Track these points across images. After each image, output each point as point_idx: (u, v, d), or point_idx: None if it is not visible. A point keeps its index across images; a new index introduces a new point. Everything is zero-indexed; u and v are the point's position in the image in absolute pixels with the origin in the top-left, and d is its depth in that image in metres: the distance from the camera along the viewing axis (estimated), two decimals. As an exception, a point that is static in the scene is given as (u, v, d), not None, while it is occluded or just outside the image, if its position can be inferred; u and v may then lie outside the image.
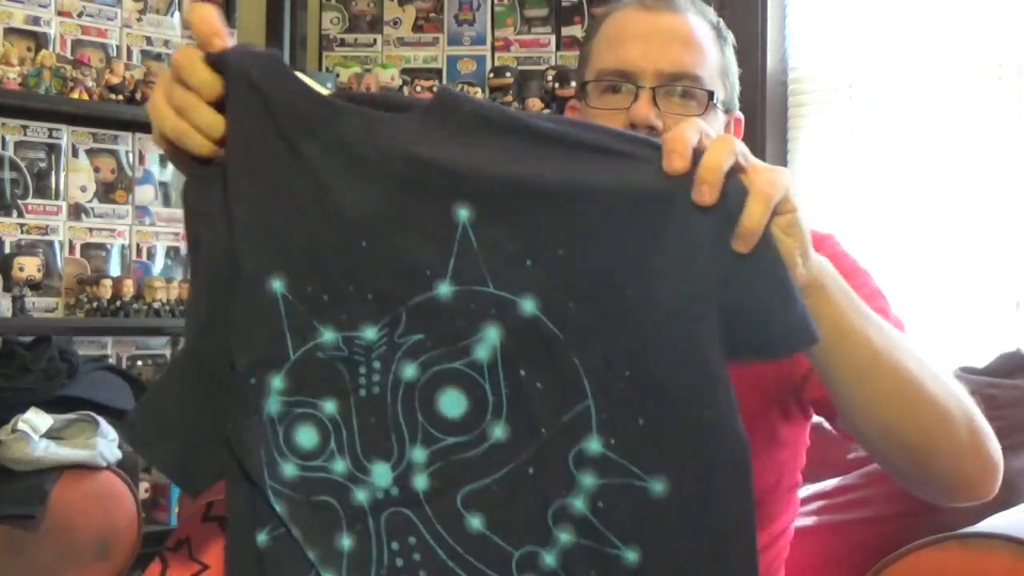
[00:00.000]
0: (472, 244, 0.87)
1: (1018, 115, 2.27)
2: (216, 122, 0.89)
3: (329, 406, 0.91)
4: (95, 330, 2.60)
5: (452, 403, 0.89)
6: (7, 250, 2.50)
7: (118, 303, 2.51)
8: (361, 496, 0.91)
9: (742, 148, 0.84)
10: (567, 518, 0.88)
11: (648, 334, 0.85)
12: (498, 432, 0.89)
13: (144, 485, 2.37)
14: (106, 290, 2.50)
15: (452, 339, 0.88)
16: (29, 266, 2.48)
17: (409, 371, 0.89)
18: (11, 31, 2.55)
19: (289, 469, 0.91)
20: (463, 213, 0.86)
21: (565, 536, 0.88)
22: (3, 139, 2.52)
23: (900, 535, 1.24)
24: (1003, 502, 1.35)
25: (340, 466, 0.91)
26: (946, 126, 2.36)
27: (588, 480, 0.88)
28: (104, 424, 2.08)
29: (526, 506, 0.89)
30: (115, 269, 2.64)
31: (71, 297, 2.55)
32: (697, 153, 0.83)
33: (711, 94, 1.23)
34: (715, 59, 1.25)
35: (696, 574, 0.88)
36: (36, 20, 2.59)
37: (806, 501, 1.54)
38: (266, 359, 0.90)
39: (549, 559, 0.89)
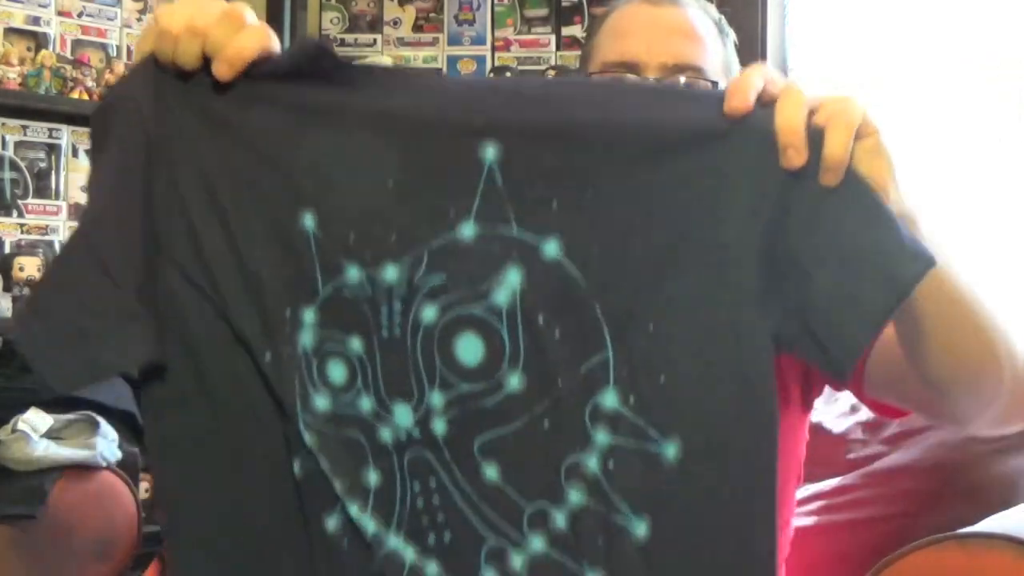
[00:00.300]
0: (497, 183, 0.85)
1: (1018, 115, 2.27)
2: (257, 36, 0.87)
3: (355, 344, 0.90)
4: (95, 330, 2.60)
5: (469, 349, 0.88)
6: (7, 250, 2.50)
7: (118, 303, 2.51)
8: (386, 435, 0.90)
9: (809, 95, 0.80)
10: (579, 476, 0.86)
11: (676, 284, 0.83)
12: (514, 382, 0.87)
13: (144, 485, 2.36)
14: (106, 290, 2.50)
15: (472, 282, 0.87)
16: (29, 266, 2.48)
17: (429, 314, 0.88)
18: (11, 31, 2.56)
19: (322, 402, 0.91)
20: (490, 152, 0.85)
21: (576, 495, 0.86)
22: (3, 139, 2.52)
23: (900, 535, 1.24)
24: (1003, 502, 1.35)
25: (366, 404, 0.90)
26: (946, 126, 2.36)
27: (601, 437, 0.85)
28: (104, 424, 2.08)
29: (540, 460, 0.87)
30: (115, 269, 2.64)
31: (71, 297, 2.55)
32: (762, 98, 0.80)
33: (714, 84, 1.23)
34: (718, 53, 1.26)
35: (704, 559, 0.84)
36: (36, 20, 2.59)
37: (806, 501, 1.54)
38: (299, 292, 0.90)
39: (560, 519, 0.87)
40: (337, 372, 0.91)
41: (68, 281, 0.88)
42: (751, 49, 2.54)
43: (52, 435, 2.02)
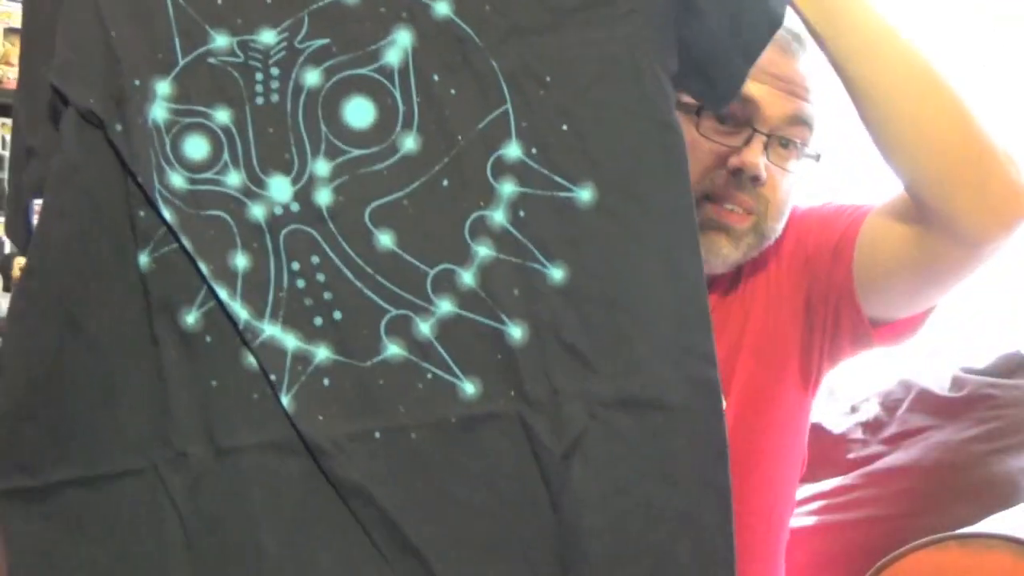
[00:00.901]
0: None
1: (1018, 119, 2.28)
2: None
3: (221, 115, 0.85)
4: (95, 330, 2.60)
5: (359, 112, 0.85)
6: (7, 250, 2.50)
7: (118, 303, 2.51)
8: (257, 211, 0.84)
9: None
10: (485, 231, 0.84)
11: (568, 36, 0.84)
12: (409, 143, 0.84)
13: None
14: (106, 290, 2.50)
15: (360, 44, 0.84)
16: (29, 266, 2.48)
17: (312, 78, 0.84)
18: (11, 31, 2.56)
19: (177, 180, 0.84)
20: None
21: (484, 250, 0.84)
22: (3, 139, 2.52)
23: (900, 535, 1.24)
24: (1003, 502, 1.35)
25: (234, 179, 0.85)
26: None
27: (507, 188, 0.84)
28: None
29: (441, 220, 0.84)
30: (115, 269, 2.64)
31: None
32: None
33: (817, 157, 1.23)
34: (818, 112, 1.25)
35: (636, 285, 0.85)
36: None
37: (806, 501, 1.54)
38: (152, 62, 0.84)
39: (467, 277, 0.84)
40: (197, 147, 0.85)
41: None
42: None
43: (52, 435, 2.02)
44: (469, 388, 0.84)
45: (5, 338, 0.87)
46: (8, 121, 2.52)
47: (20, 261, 2.47)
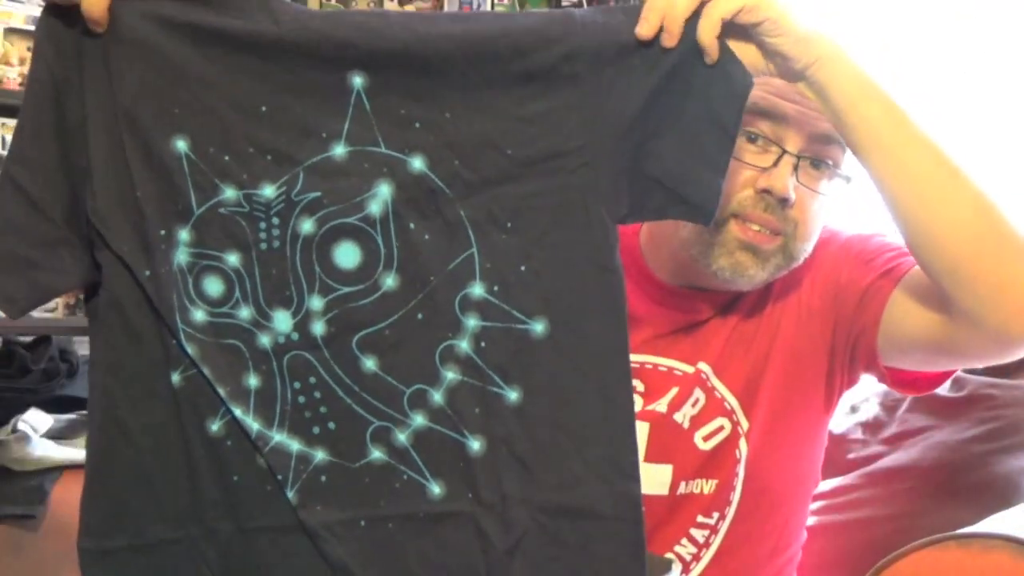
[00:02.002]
0: (366, 109, 0.96)
1: (1018, 118, 2.28)
2: None
3: (232, 258, 0.98)
4: (95, 330, 2.60)
5: (347, 255, 0.98)
6: None
7: (118, 303, 2.50)
8: (265, 340, 0.99)
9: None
10: (453, 358, 0.98)
11: (527, 187, 0.97)
12: (389, 281, 0.98)
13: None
14: (106, 290, 2.49)
15: (347, 196, 0.97)
16: (29, 266, 2.48)
17: (307, 226, 0.98)
18: (11, 31, 2.56)
19: (199, 315, 0.99)
20: (357, 80, 0.96)
21: (451, 374, 0.99)
22: (3, 139, 2.52)
23: (900, 535, 1.24)
24: (1003, 502, 1.35)
25: (245, 313, 0.99)
26: (946, 128, 2.36)
27: (472, 322, 0.98)
28: (104, 424, 2.08)
29: (416, 348, 0.98)
30: (115, 269, 2.64)
31: (71, 297, 2.55)
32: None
33: (848, 179, 1.21)
34: None
35: (576, 410, 0.98)
36: (36, 20, 2.59)
37: (806, 501, 1.55)
38: (173, 213, 0.97)
39: (437, 396, 0.99)
40: (214, 286, 0.99)
41: (2, 218, 0.98)
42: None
43: (52, 435, 2.02)
44: (436, 489, 0.99)
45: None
46: (7, 121, 2.52)
47: None
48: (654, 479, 1.24)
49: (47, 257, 0.98)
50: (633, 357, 1.24)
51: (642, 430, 1.24)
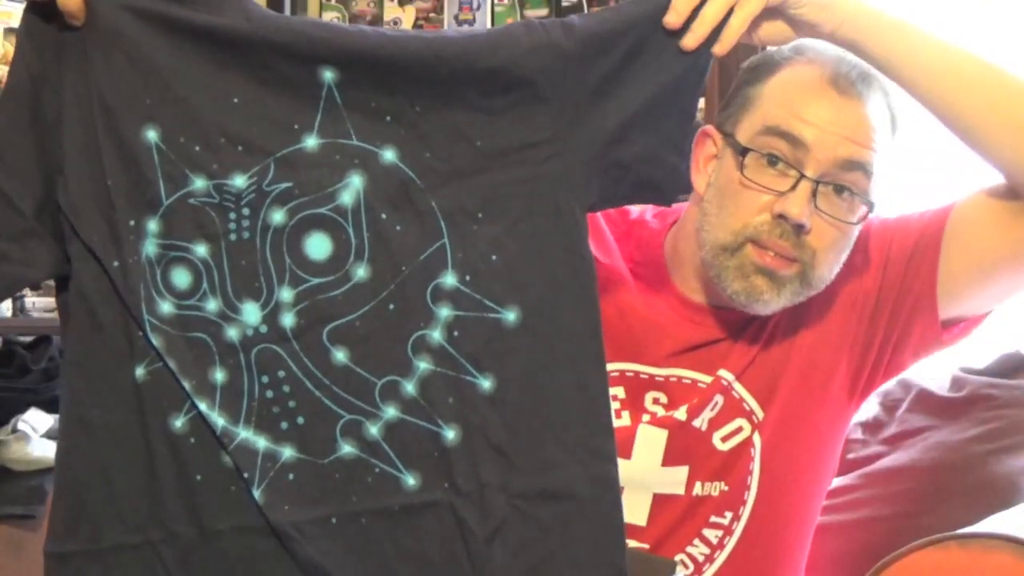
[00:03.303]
0: (337, 102, 0.97)
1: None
2: None
3: (201, 249, 0.98)
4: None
5: (318, 246, 0.98)
6: None
7: (118, 303, 2.50)
8: (232, 333, 0.98)
9: None
10: (425, 348, 0.98)
11: (497, 177, 0.98)
12: (361, 272, 0.98)
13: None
14: (106, 290, 2.49)
15: (319, 186, 0.97)
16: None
17: (277, 216, 0.97)
18: (11, 31, 2.56)
19: (166, 307, 0.98)
20: (328, 75, 0.96)
21: (423, 364, 0.98)
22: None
23: (900, 535, 1.24)
24: (1003, 502, 1.35)
25: (212, 305, 0.98)
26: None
27: (444, 311, 0.98)
28: (104, 424, 2.08)
29: (387, 339, 0.98)
30: (115, 269, 2.64)
31: (71, 297, 2.55)
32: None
33: (871, 204, 1.18)
34: (885, 151, 1.19)
35: (551, 395, 0.99)
36: (36, 20, 2.59)
37: (806, 501, 1.54)
38: (142, 203, 0.97)
39: (409, 387, 0.98)
40: (181, 278, 0.98)
41: None
42: (750, 52, 2.53)
43: (52, 435, 2.02)
44: (410, 480, 0.99)
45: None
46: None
47: None
48: (669, 479, 1.23)
49: (16, 249, 0.98)
50: (657, 370, 1.25)
51: (660, 436, 1.23)
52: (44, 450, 1.97)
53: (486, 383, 0.98)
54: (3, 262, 0.98)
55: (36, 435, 1.98)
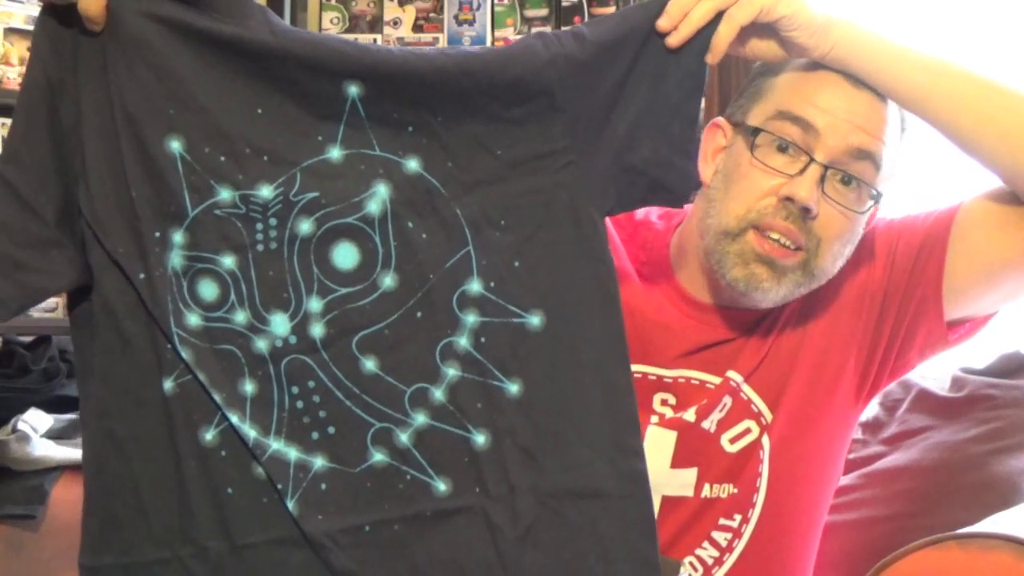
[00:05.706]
0: (360, 115, 0.98)
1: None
2: None
3: (227, 261, 0.98)
4: (95, 330, 2.59)
5: (345, 255, 0.98)
6: None
7: (118, 303, 2.50)
8: (261, 345, 0.98)
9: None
10: (452, 355, 1.00)
11: (517, 186, 1.00)
12: (388, 280, 0.99)
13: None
14: (106, 290, 2.49)
15: (345, 196, 0.98)
16: (29, 266, 2.47)
17: (305, 226, 0.98)
18: (11, 31, 2.56)
19: (193, 319, 0.97)
20: (353, 90, 0.97)
21: (451, 371, 0.99)
22: (3, 139, 2.52)
23: (900, 535, 1.25)
24: (1003, 502, 1.35)
25: (240, 317, 0.98)
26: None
27: (470, 318, 1.00)
28: (104, 424, 2.08)
29: (416, 347, 0.99)
30: (115, 269, 2.64)
31: (71, 297, 2.55)
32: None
33: (878, 195, 1.19)
34: (894, 148, 1.19)
35: (577, 397, 1.00)
36: (36, 20, 2.59)
37: (806, 501, 1.54)
38: (167, 214, 0.96)
39: (438, 394, 1.00)
40: (208, 290, 0.98)
41: None
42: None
43: (52, 435, 2.02)
44: (441, 486, 1.00)
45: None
46: (7, 121, 2.52)
47: None
48: (678, 481, 1.24)
49: (38, 258, 0.97)
50: (665, 372, 1.25)
51: (670, 438, 1.23)
52: (44, 450, 1.97)
53: (513, 387, 1.00)
54: (25, 272, 0.97)
55: (36, 435, 1.98)
